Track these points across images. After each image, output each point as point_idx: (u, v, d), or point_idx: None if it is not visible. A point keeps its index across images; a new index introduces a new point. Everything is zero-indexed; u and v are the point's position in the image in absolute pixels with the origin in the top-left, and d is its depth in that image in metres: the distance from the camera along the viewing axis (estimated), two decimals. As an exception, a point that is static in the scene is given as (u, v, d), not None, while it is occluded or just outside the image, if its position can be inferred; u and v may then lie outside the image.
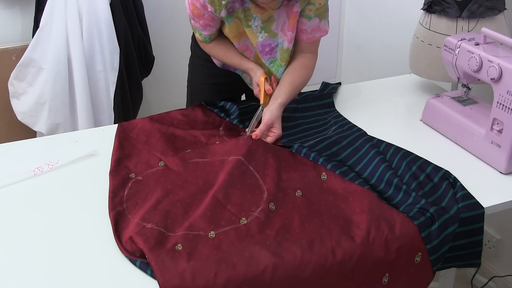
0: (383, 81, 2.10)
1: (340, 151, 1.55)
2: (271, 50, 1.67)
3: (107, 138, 1.64)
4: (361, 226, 1.28)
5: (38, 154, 1.59)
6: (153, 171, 1.48)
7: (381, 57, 2.81)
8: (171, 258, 1.18)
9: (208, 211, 1.31)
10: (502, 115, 1.49)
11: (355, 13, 3.00)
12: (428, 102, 1.74)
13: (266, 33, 1.63)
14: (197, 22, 1.67)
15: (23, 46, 2.41)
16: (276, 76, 1.71)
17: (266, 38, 1.64)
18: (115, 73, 2.43)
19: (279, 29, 1.64)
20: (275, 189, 1.40)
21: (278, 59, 1.69)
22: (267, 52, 1.67)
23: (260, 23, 1.61)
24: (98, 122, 2.48)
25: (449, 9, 1.81)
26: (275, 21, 1.62)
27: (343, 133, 1.62)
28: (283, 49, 1.68)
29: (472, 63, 1.56)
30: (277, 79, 1.70)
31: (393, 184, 1.41)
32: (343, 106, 1.85)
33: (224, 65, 1.85)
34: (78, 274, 1.17)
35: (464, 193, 1.38)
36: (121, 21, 2.42)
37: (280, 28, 1.64)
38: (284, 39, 1.66)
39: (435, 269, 1.32)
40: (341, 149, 1.55)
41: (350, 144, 1.56)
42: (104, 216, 1.33)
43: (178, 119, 1.70)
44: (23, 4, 2.49)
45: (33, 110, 2.39)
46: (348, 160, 1.52)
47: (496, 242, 2.26)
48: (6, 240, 1.27)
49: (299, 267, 1.19)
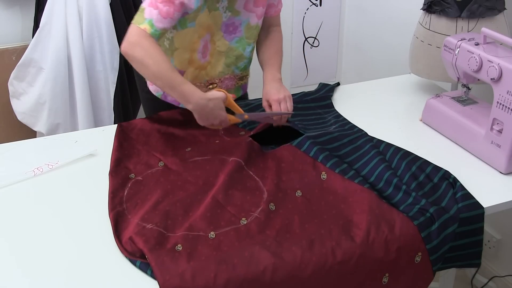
0: (383, 81, 2.10)
1: (341, 147, 1.54)
2: (235, 29, 1.66)
3: (107, 138, 1.64)
4: (361, 226, 1.28)
5: (38, 154, 1.59)
6: (152, 171, 1.48)
7: (381, 57, 2.81)
8: (171, 259, 1.18)
9: (208, 212, 1.31)
10: (502, 115, 1.49)
11: (355, 13, 3.00)
12: (428, 102, 1.74)
13: (230, 12, 1.62)
14: (157, 9, 1.49)
15: (23, 46, 2.42)
16: (243, 55, 1.71)
17: (230, 17, 1.63)
18: (115, 73, 2.43)
19: (242, 7, 1.64)
20: (275, 190, 1.40)
21: (243, 37, 1.69)
22: (230, 31, 1.66)
23: (226, 3, 1.60)
24: (98, 122, 2.48)
25: (449, 9, 1.81)
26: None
27: (344, 131, 1.62)
28: (249, 26, 1.67)
29: (472, 63, 1.56)
30: (244, 57, 1.71)
31: (393, 183, 1.41)
32: (343, 106, 1.85)
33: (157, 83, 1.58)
34: (78, 275, 1.17)
35: (464, 193, 1.38)
36: (121, 21, 2.42)
37: (243, 6, 1.64)
38: (249, 16, 1.66)
39: (435, 269, 1.32)
40: (341, 146, 1.54)
41: (351, 143, 1.56)
42: (104, 216, 1.33)
43: (177, 119, 1.70)
44: (23, 4, 2.49)
45: (33, 110, 2.39)
46: (348, 157, 1.52)
47: (496, 242, 2.26)
48: (6, 240, 1.27)
49: (299, 268, 1.19)
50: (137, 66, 1.53)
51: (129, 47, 1.51)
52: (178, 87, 1.50)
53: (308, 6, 2.97)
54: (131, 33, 1.52)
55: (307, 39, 3.06)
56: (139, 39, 1.50)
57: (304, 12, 2.97)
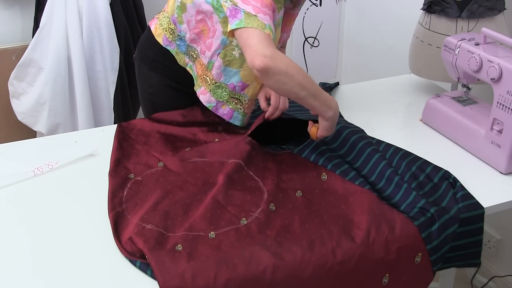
0: (383, 81, 2.10)
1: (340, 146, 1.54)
2: None
3: (107, 138, 1.64)
4: (361, 226, 1.27)
5: (38, 154, 1.59)
6: (152, 172, 1.48)
7: (381, 57, 2.81)
8: (171, 259, 1.17)
9: (208, 212, 1.31)
10: (502, 115, 1.49)
11: (355, 13, 3.00)
12: (428, 102, 1.74)
13: None
14: (266, 15, 1.34)
15: (23, 46, 2.42)
16: None
17: None
18: (115, 73, 2.43)
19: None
20: (275, 190, 1.39)
21: None
22: None
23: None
24: (98, 122, 2.48)
25: (449, 9, 1.81)
26: None
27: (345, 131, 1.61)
28: None
29: (472, 63, 1.56)
30: None
31: (394, 181, 1.41)
32: (343, 106, 1.85)
33: None
34: (78, 275, 1.17)
35: (464, 193, 1.38)
36: (121, 21, 2.42)
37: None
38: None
39: (435, 269, 1.32)
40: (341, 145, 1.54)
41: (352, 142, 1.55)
42: (103, 216, 1.33)
43: (177, 119, 1.70)
44: (23, 4, 2.49)
45: (33, 110, 2.39)
46: (348, 156, 1.51)
47: (496, 242, 2.26)
48: (6, 240, 1.27)
49: (299, 268, 1.19)
50: (279, 79, 1.33)
51: (269, 61, 1.29)
52: (321, 94, 1.38)
53: (308, 6, 2.97)
54: (260, 44, 1.31)
55: (307, 39, 3.06)
56: (273, 50, 1.31)
57: (304, 12, 2.97)
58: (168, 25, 1.63)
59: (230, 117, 1.62)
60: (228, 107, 1.62)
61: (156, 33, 1.67)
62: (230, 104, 1.61)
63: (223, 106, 1.62)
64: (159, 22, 1.67)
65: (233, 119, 1.63)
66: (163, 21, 1.66)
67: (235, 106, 1.61)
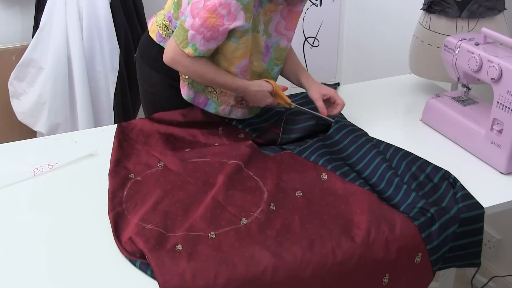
0: (383, 81, 2.10)
1: (342, 149, 1.54)
2: (267, 51, 1.67)
3: (107, 138, 1.64)
4: (362, 226, 1.28)
5: (38, 154, 1.59)
6: (152, 172, 1.48)
7: (381, 57, 2.80)
8: (171, 259, 1.17)
9: (208, 212, 1.31)
10: (502, 115, 1.49)
11: (355, 13, 3.00)
12: (428, 102, 1.74)
13: (265, 35, 1.63)
14: (201, 34, 1.49)
15: (23, 46, 2.42)
16: (271, 75, 1.70)
17: (265, 40, 1.64)
18: (115, 73, 2.43)
19: (273, 30, 1.65)
20: (275, 190, 1.40)
21: (272, 58, 1.69)
22: (265, 53, 1.67)
23: (263, 26, 1.61)
24: (98, 122, 2.48)
25: (449, 9, 1.81)
26: (271, 22, 1.63)
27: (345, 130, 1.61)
28: (279, 48, 1.67)
29: (472, 63, 1.56)
30: (271, 77, 1.70)
31: (394, 183, 1.41)
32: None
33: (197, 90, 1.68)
34: (78, 275, 1.17)
35: (464, 193, 1.38)
36: (121, 21, 2.42)
37: (274, 29, 1.65)
38: (278, 38, 1.66)
39: (435, 269, 1.32)
40: (343, 148, 1.55)
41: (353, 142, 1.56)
42: (103, 216, 1.33)
43: (177, 119, 1.70)
44: (23, 4, 2.49)
45: (33, 110, 2.39)
46: (350, 159, 1.52)
47: (496, 242, 2.26)
48: (6, 240, 1.27)
49: (300, 268, 1.19)
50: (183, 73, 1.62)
51: (170, 62, 1.57)
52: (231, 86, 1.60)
53: (308, 6, 2.97)
54: (173, 50, 1.55)
55: (307, 39, 3.06)
56: (179, 58, 1.55)
57: (304, 12, 2.97)
58: (162, 22, 1.68)
59: (205, 105, 1.68)
60: (203, 96, 1.67)
61: (151, 30, 1.72)
62: (205, 93, 1.67)
63: (199, 96, 1.67)
64: (155, 19, 1.72)
65: (207, 106, 1.68)
66: (158, 18, 1.70)
67: (210, 95, 1.67)
